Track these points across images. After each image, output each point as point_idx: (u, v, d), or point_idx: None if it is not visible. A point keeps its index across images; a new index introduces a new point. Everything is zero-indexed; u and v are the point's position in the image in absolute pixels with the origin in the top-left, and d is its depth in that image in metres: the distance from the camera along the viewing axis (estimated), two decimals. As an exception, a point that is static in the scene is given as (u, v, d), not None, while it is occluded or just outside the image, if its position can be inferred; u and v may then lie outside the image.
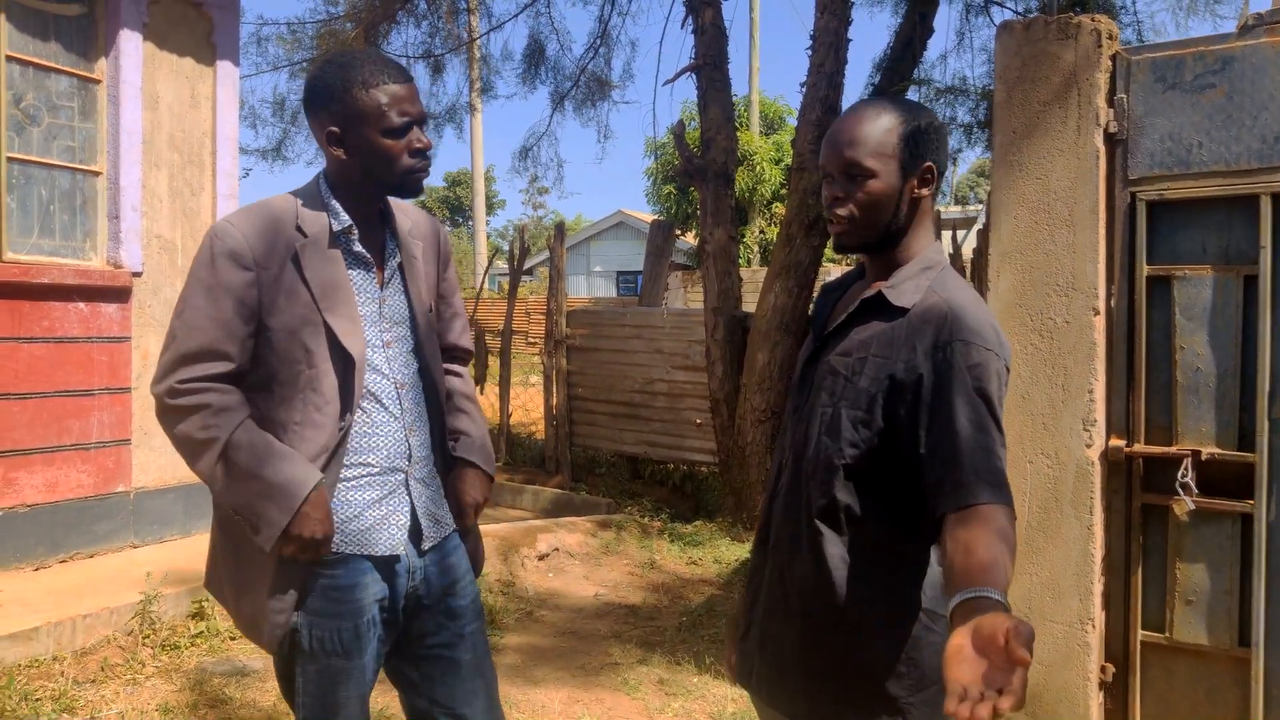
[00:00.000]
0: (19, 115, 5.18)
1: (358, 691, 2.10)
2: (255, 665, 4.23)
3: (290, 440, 2.01)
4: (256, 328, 2.02)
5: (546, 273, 9.91)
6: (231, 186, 6.17)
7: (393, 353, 2.14)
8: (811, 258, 7.32)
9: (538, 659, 4.64)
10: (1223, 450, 3.09)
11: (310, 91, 2.08)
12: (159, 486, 5.73)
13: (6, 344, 5.01)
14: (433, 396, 2.22)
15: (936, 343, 1.72)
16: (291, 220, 2.05)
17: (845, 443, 1.78)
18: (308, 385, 2.02)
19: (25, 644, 4.09)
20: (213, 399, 1.98)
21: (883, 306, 1.82)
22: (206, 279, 2.00)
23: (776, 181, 23.23)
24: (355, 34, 9.96)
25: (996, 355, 1.71)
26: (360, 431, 2.08)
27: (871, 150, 1.78)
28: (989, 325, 1.74)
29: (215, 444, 1.97)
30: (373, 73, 2.02)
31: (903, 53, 7.67)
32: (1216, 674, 3.15)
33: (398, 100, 2.02)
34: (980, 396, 1.67)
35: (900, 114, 1.81)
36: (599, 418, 9.12)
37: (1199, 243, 3.15)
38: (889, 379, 1.75)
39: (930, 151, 1.81)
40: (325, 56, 2.04)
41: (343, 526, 2.06)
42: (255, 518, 1.97)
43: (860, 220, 1.81)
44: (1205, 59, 3.09)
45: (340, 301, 2.05)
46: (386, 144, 2.03)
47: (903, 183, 1.80)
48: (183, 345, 1.99)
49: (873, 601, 1.79)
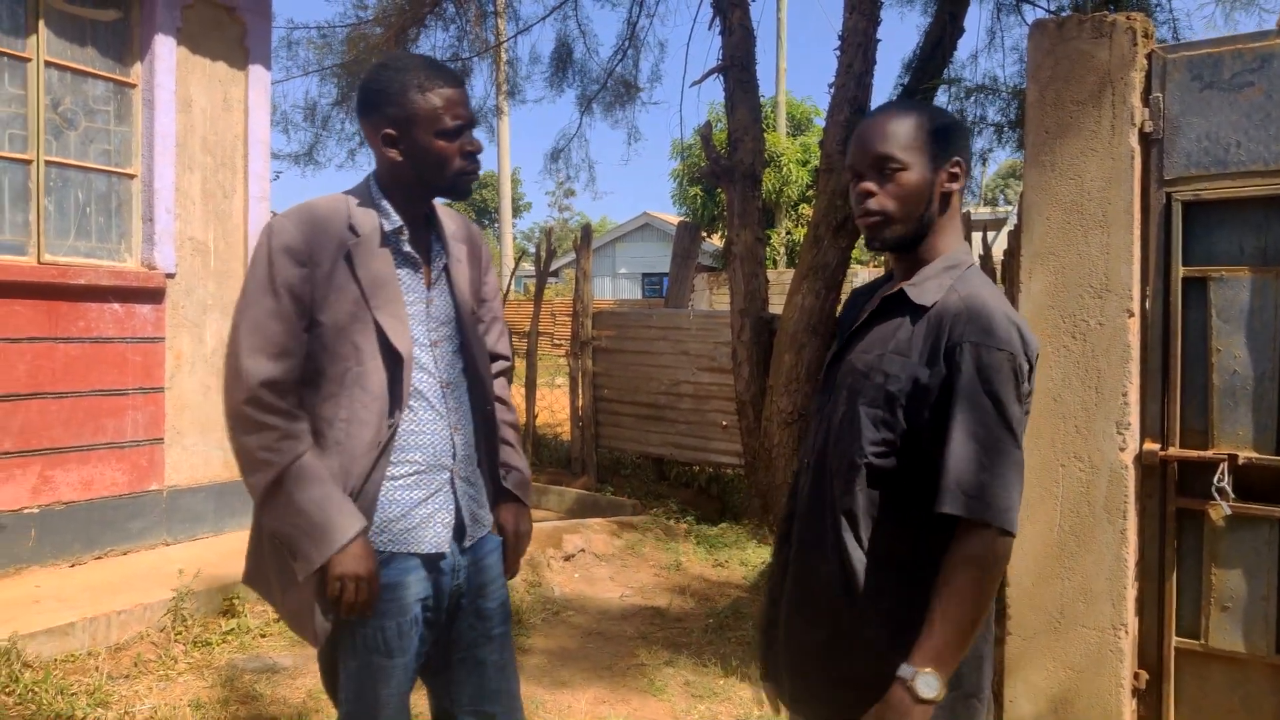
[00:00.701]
0: (57, 119, 5.25)
1: (399, 690, 2.11)
2: (285, 662, 4.27)
3: (336, 436, 2.04)
4: (309, 323, 2.05)
5: (572, 274, 9.93)
6: (263, 189, 6.22)
7: (439, 352, 2.17)
8: (839, 259, 7.29)
9: (564, 660, 4.65)
10: (1260, 454, 3.05)
11: (365, 95, 2.12)
12: (191, 485, 5.79)
13: (44, 344, 5.08)
14: (478, 396, 2.25)
15: (949, 343, 1.73)
16: (344, 219, 2.09)
17: (866, 441, 1.79)
18: (355, 382, 2.04)
19: (61, 639, 4.15)
20: (280, 423, 2.00)
21: (905, 304, 1.83)
22: (264, 275, 2.03)
23: (803, 182, 23.15)
24: (384, 38, 10.02)
25: (1010, 354, 1.71)
26: (407, 429, 2.11)
27: (903, 143, 1.80)
28: (1004, 323, 1.73)
29: (271, 468, 1.99)
30: (428, 77, 2.07)
31: (932, 52, 7.62)
32: (1252, 681, 3.11)
33: (452, 104, 2.07)
34: (990, 399, 1.69)
35: (926, 111, 1.85)
36: (624, 419, 9.13)
37: (1236, 243, 3.11)
38: (912, 380, 1.76)
39: (958, 147, 1.84)
40: (380, 60, 2.12)
41: (389, 525, 2.09)
42: (293, 549, 2.00)
43: (894, 213, 1.82)
44: (1243, 57, 3.05)
45: (389, 299, 2.08)
46: (440, 145, 2.07)
47: (933, 175, 1.82)
48: (251, 346, 2.01)
49: (894, 603, 1.78)
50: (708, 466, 8.92)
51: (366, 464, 2.04)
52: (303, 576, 2.00)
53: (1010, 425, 1.69)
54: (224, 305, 5.97)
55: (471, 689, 2.24)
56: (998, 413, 1.69)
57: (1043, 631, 3.28)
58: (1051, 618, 3.27)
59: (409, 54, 2.19)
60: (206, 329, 5.88)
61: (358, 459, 2.04)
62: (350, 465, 2.03)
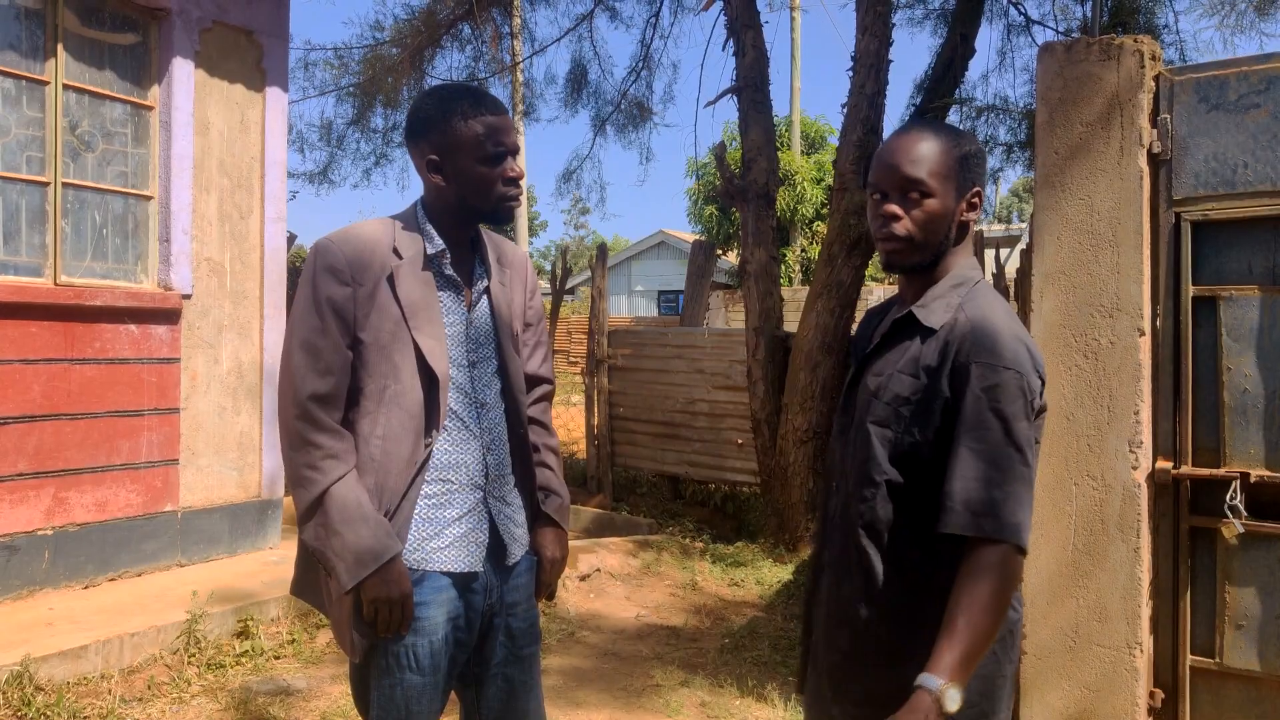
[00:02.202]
0: (75, 142, 5.31)
1: (429, 708, 2.15)
2: (299, 685, 4.28)
3: (372, 453, 2.09)
4: (351, 341, 2.10)
5: (588, 292, 9.95)
6: (279, 210, 6.27)
7: (477, 373, 2.22)
8: (853, 277, 7.30)
9: (580, 681, 4.65)
10: (1272, 472, 3.04)
11: (412, 122, 2.18)
12: (205, 506, 5.81)
13: (60, 365, 5.12)
14: (515, 417, 2.29)
15: (955, 364, 1.75)
16: (389, 242, 2.14)
17: (884, 461, 1.82)
18: (393, 400, 2.10)
19: (74, 661, 4.16)
20: (325, 440, 2.07)
21: (914, 326, 1.86)
22: (310, 294, 2.10)
23: (818, 201, 23.17)
24: (401, 59, 10.11)
25: (1018, 373, 1.72)
26: (442, 449, 2.16)
27: (932, 169, 1.81)
28: (1011, 342, 1.75)
29: (314, 486, 2.05)
30: (472, 105, 2.12)
31: (944, 73, 7.65)
32: (1268, 699, 3.09)
33: (494, 131, 2.12)
34: (997, 418, 1.70)
35: (953, 137, 1.85)
36: (640, 437, 9.13)
37: (1245, 263, 3.11)
38: (920, 400, 1.78)
39: (979, 177, 1.87)
40: (427, 89, 2.20)
41: (422, 544, 2.13)
42: (329, 567, 2.05)
43: (917, 240, 1.83)
44: (1249, 79, 3.06)
45: (428, 320, 2.14)
46: (482, 171, 2.12)
47: (955, 204, 1.84)
48: (300, 363, 2.09)
49: (917, 620, 1.80)
50: (723, 485, 8.91)
51: (402, 482, 2.10)
52: (337, 596, 2.07)
53: (1018, 443, 1.70)
54: (240, 326, 6.01)
55: (498, 707, 2.29)
56: (1005, 431, 1.70)
57: (1058, 651, 3.26)
58: (1066, 637, 3.25)
59: (455, 83, 2.26)
60: (222, 350, 5.92)
61: (393, 476, 2.09)
62: (386, 482, 2.09)
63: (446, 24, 10.35)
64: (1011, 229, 22.04)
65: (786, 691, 4.43)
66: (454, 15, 10.25)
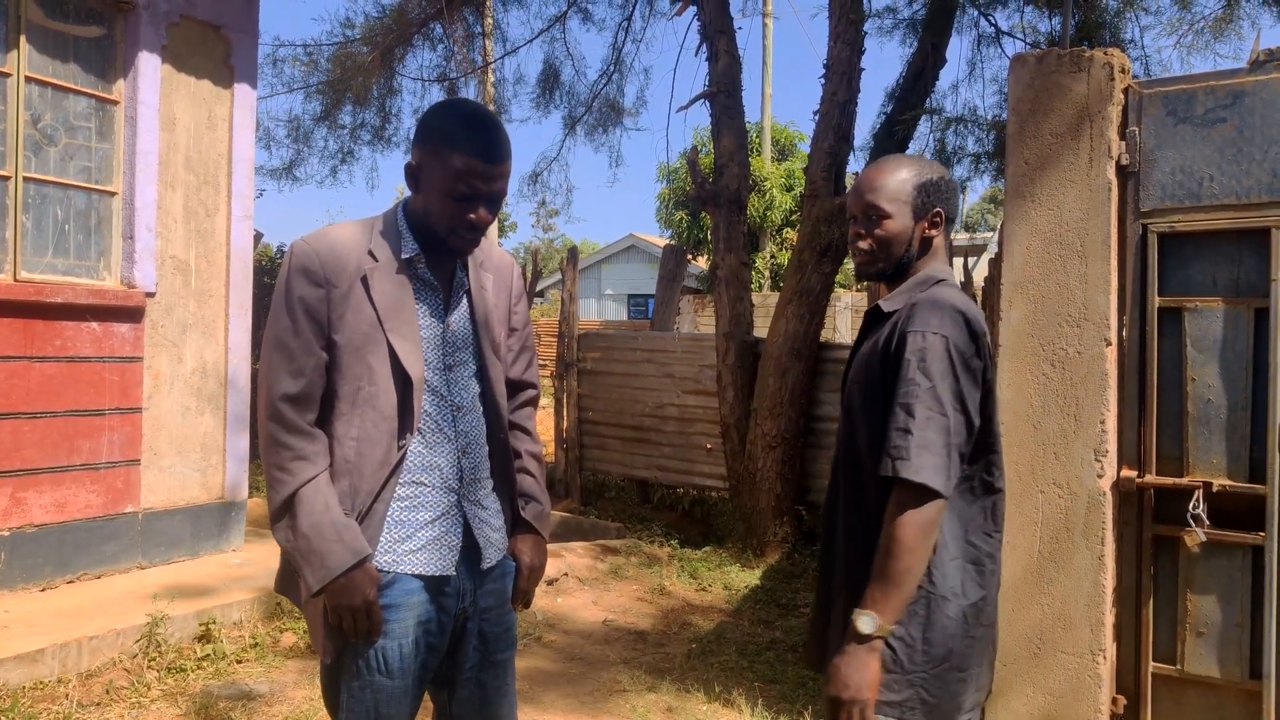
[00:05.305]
0: (36, 135, 5.23)
1: (399, 711, 2.14)
2: (261, 689, 4.23)
3: (346, 454, 2.09)
4: (325, 343, 2.10)
5: (558, 295, 9.93)
6: (246, 208, 6.20)
7: (453, 376, 2.21)
8: (823, 284, 7.34)
9: (544, 684, 4.62)
10: (1234, 482, 3.08)
11: (418, 125, 2.17)
12: (167, 507, 5.73)
13: (19, 363, 5.04)
14: (493, 421, 2.28)
15: (898, 336, 1.99)
16: (364, 244, 2.13)
17: (863, 440, 2.04)
18: (367, 402, 2.09)
19: (30, 666, 4.09)
20: (295, 442, 2.07)
21: (879, 317, 2.14)
22: (284, 295, 2.10)
23: (788, 207, 23.26)
24: (371, 58, 10.04)
25: (944, 337, 1.94)
26: (416, 452, 2.15)
27: (888, 196, 2.12)
28: (947, 311, 1.98)
29: (282, 488, 2.06)
30: (466, 138, 2.05)
31: (915, 82, 7.71)
32: (1227, 706, 3.12)
33: (472, 174, 2.04)
34: (924, 375, 1.92)
35: (916, 168, 2.15)
36: (609, 441, 9.11)
37: (1210, 275, 3.15)
38: (876, 378, 2.03)
39: (940, 200, 2.14)
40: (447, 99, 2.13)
41: (394, 546, 2.12)
42: (300, 566, 2.06)
43: (877, 253, 2.15)
44: (1216, 93, 3.10)
45: (403, 323, 2.12)
46: (445, 204, 2.08)
47: (914, 224, 2.13)
48: (274, 363, 2.09)
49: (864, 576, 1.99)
50: (692, 489, 8.91)
51: (375, 484, 2.09)
52: (307, 597, 2.07)
53: (939, 396, 1.92)
54: (204, 325, 5.94)
55: (471, 711, 2.28)
56: (928, 388, 1.91)
57: (1023, 657, 3.28)
58: (1031, 643, 3.27)
59: (472, 108, 2.18)
60: (186, 348, 5.85)
61: (366, 478, 2.09)
62: (359, 484, 2.08)
63: (418, 22, 10.30)
64: (977, 238, 22.23)
65: (753, 697, 4.43)
66: (426, 14, 10.20)
